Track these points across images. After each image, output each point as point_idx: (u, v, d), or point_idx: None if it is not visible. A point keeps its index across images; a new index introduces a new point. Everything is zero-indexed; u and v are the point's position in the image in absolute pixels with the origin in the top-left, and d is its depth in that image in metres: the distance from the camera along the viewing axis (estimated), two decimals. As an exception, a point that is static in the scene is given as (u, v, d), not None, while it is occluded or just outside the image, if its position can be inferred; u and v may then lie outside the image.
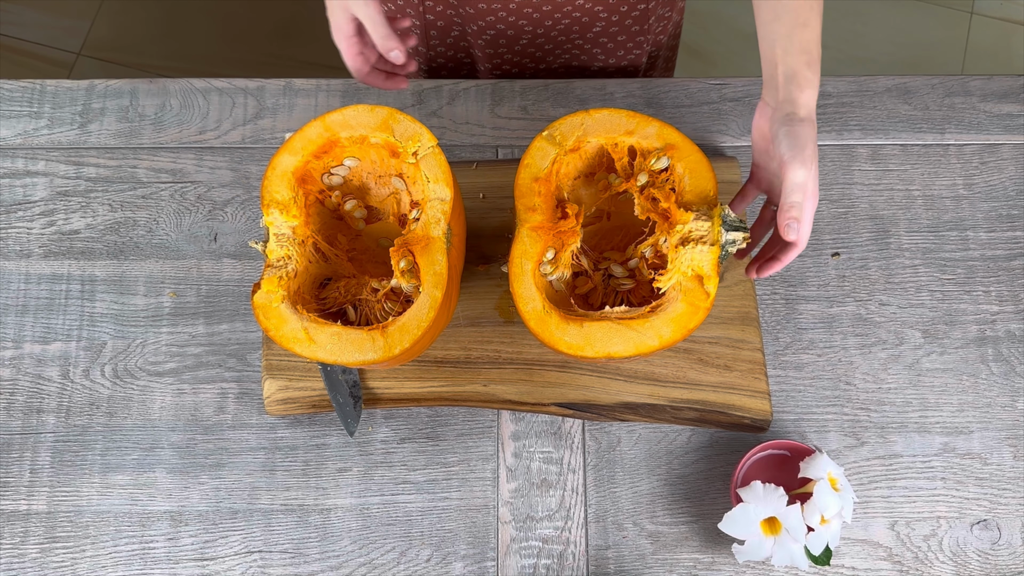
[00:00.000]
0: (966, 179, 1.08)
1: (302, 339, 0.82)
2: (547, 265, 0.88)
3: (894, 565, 0.94)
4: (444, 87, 1.10)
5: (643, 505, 0.95)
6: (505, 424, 0.98)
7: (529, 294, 0.85)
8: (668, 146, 0.89)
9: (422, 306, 0.83)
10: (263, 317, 0.83)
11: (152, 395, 0.97)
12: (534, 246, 0.87)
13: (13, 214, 1.04)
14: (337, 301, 0.90)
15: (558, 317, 0.85)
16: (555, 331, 0.84)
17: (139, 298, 1.01)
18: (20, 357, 0.99)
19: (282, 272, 0.85)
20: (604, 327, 0.84)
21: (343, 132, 0.88)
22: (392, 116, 0.88)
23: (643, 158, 0.90)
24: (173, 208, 1.04)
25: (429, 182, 0.86)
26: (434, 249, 0.85)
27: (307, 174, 0.89)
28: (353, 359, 0.82)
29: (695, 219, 0.85)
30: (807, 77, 0.82)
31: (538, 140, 0.90)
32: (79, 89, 1.09)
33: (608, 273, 0.93)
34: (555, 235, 0.88)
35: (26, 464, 0.95)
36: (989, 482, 0.97)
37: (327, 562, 0.93)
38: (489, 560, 0.93)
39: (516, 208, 0.88)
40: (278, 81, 1.10)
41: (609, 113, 0.90)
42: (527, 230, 0.87)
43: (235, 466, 0.96)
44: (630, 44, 1.18)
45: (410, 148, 0.87)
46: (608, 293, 0.93)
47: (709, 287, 0.84)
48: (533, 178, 0.89)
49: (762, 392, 0.97)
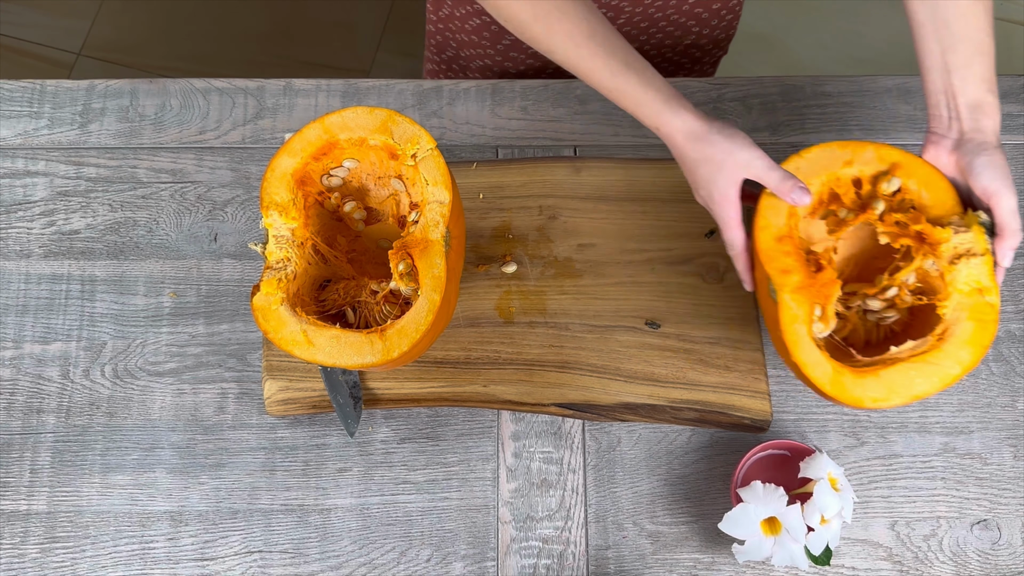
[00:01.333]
0: (966, 179, 1.07)
1: (301, 342, 0.82)
2: (818, 323, 0.84)
3: (894, 565, 0.94)
4: (444, 87, 1.10)
5: (643, 505, 0.95)
6: (505, 424, 0.98)
7: (815, 359, 0.82)
8: (892, 166, 0.86)
9: (420, 309, 0.83)
10: (262, 319, 0.83)
11: (152, 395, 0.97)
12: (801, 308, 0.83)
13: (13, 214, 1.04)
14: (336, 303, 0.90)
15: (851, 374, 0.82)
16: (854, 390, 0.81)
17: (139, 298, 1.01)
18: (20, 357, 0.99)
19: (281, 274, 0.85)
20: (900, 370, 0.81)
21: (342, 134, 0.88)
22: (391, 118, 0.88)
23: (870, 185, 0.88)
24: (173, 208, 1.04)
25: (428, 185, 0.86)
26: (432, 252, 0.85)
27: (306, 176, 0.89)
28: (352, 362, 0.82)
29: (955, 233, 0.83)
30: (992, 103, 0.83)
31: (765, 198, 0.86)
32: (79, 89, 1.09)
33: (864, 309, 0.90)
34: (816, 291, 0.84)
35: (26, 464, 0.95)
36: (989, 482, 0.97)
37: (327, 562, 0.93)
38: (489, 560, 0.93)
39: (768, 273, 0.84)
40: (278, 81, 1.10)
41: (821, 149, 0.87)
42: (789, 294, 0.83)
43: (235, 466, 0.96)
44: (724, 11, 1.17)
45: (409, 150, 0.87)
46: (869, 330, 0.91)
47: (990, 298, 0.82)
48: (775, 238, 0.85)
49: (762, 392, 0.97)
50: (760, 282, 0.87)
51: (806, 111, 1.10)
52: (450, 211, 0.86)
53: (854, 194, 0.89)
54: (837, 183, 0.88)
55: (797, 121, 1.10)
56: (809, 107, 1.10)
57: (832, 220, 0.90)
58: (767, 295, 0.86)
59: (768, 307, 0.87)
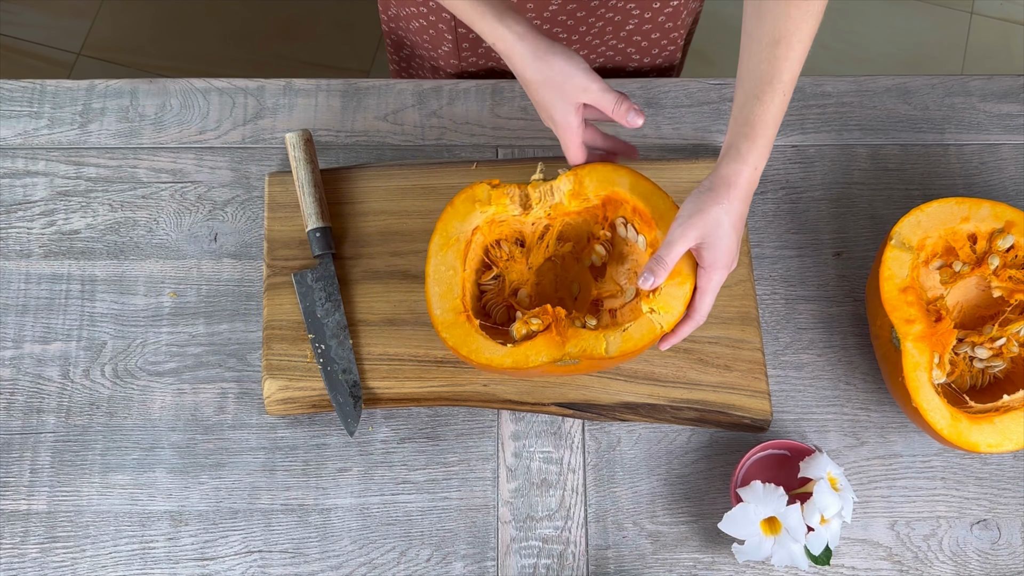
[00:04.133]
0: (966, 179, 1.08)
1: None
2: (936, 370, 0.91)
3: (894, 565, 0.94)
4: (444, 87, 1.10)
5: (643, 505, 0.95)
6: (505, 424, 0.98)
7: (935, 405, 0.89)
8: (1007, 224, 0.94)
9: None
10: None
11: (152, 395, 0.98)
12: (923, 356, 0.90)
13: (13, 214, 1.04)
14: (495, 301, 0.94)
15: (967, 420, 0.89)
16: (970, 435, 0.89)
17: (139, 298, 1.01)
18: (20, 357, 0.99)
19: (522, 199, 0.92)
20: (1014, 417, 0.89)
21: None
22: None
23: (985, 241, 0.95)
24: (173, 208, 1.04)
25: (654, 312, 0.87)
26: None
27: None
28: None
29: None
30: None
31: (889, 250, 0.93)
32: (79, 89, 1.09)
33: (971, 356, 0.95)
34: (935, 339, 0.91)
35: (26, 464, 0.95)
36: (989, 482, 0.97)
37: (327, 562, 0.93)
38: (489, 560, 0.93)
39: (892, 322, 0.91)
40: (278, 81, 1.10)
41: (939, 204, 0.95)
42: (912, 343, 0.90)
43: (235, 466, 0.96)
44: (664, 41, 1.16)
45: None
46: (975, 376, 0.96)
47: None
48: (899, 289, 0.92)
49: (762, 392, 0.97)
50: (882, 328, 0.93)
51: (806, 111, 1.10)
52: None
53: (969, 248, 0.96)
54: (954, 237, 0.95)
55: (797, 121, 1.10)
56: (809, 107, 1.10)
57: (947, 272, 0.97)
58: (887, 341, 0.93)
59: (889, 353, 0.93)
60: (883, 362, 0.95)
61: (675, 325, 0.86)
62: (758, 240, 1.05)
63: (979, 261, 0.96)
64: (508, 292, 0.95)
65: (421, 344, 0.98)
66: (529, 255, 0.96)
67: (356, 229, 1.02)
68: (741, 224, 0.84)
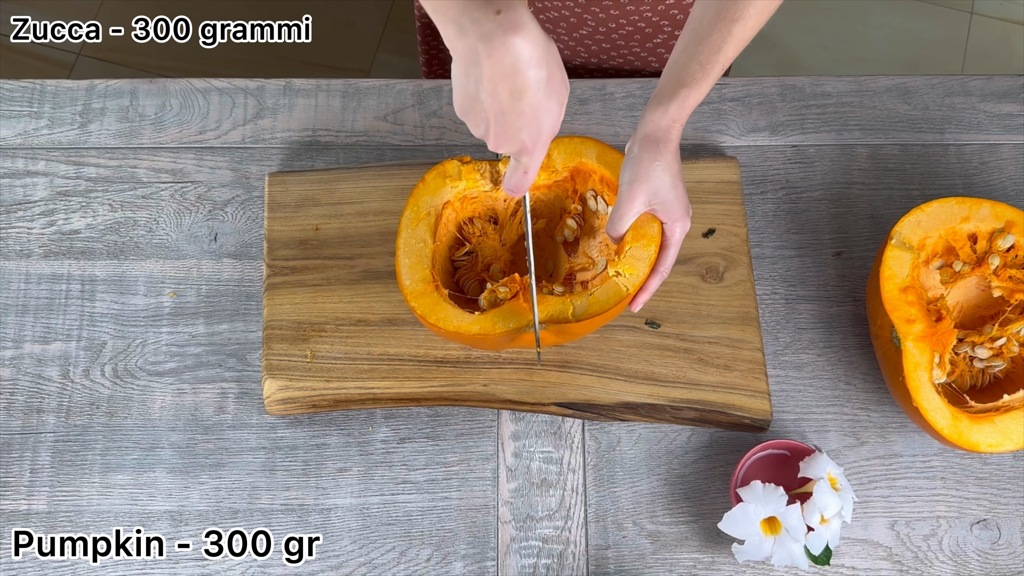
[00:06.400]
0: (966, 179, 1.08)
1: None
2: (936, 370, 0.91)
3: (894, 565, 0.94)
4: (444, 87, 1.10)
5: (643, 505, 0.95)
6: (505, 424, 0.98)
7: (935, 405, 0.89)
8: (1008, 224, 0.94)
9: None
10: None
11: (152, 395, 0.98)
12: (923, 355, 0.90)
13: (13, 214, 1.04)
14: (468, 274, 0.95)
15: (968, 420, 0.89)
16: (971, 435, 0.89)
17: (139, 298, 1.01)
18: (20, 357, 0.99)
19: (486, 173, 0.93)
20: (1014, 417, 0.89)
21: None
22: None
23: (986, 241, 0.95)
24: (173, 208, 1.04)
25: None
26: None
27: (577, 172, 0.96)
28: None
29: None
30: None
31: (890, 249, 0.93)
32: (79, 89, 1.09)
33: (971, 355, 0.95)
34: (936, 339, 0.91)
35: (26, 464, 0.95)
36: (989, 482, 0.97)
37: (327, 562, 0.93)
38: (489, 560, 0.93)
39: (893, 321, 0.91)
40: (278, 81, 1.10)
41: (940, 204, 0.95)
42: (912, 342, 0.90)
43: (235, 466, 0.96)
44: (662, 51, 1.18)
45: None
46: (974, 375, 0.96)
47: None
48: (900, 289, 0.92)
49: (762, 392, 0.97)
50: (882, 328, 0.93)
51: (806, 111, 1.10)
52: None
53: (969, 248, 0.96)
54: (954, 237, 0.95)
55: (797, 121, 1.10)
56: (809, 107, 1.10)
57: (947, 271, 0.97)
58: (887, 341, 0.93)
59: (889, 353, 0.93)
60: (883, 362, 0.95)
61: (644, 281, 0.88)
62: (758, 240, 1.05)
63: (979, 261, 0.96)
64: (480, 268, 0.96)
65: (421, 344, 0.98)
66: (502, 231, 0.97)
67: (356, 229, 1.02)
68: (680, 171, 0.86)
